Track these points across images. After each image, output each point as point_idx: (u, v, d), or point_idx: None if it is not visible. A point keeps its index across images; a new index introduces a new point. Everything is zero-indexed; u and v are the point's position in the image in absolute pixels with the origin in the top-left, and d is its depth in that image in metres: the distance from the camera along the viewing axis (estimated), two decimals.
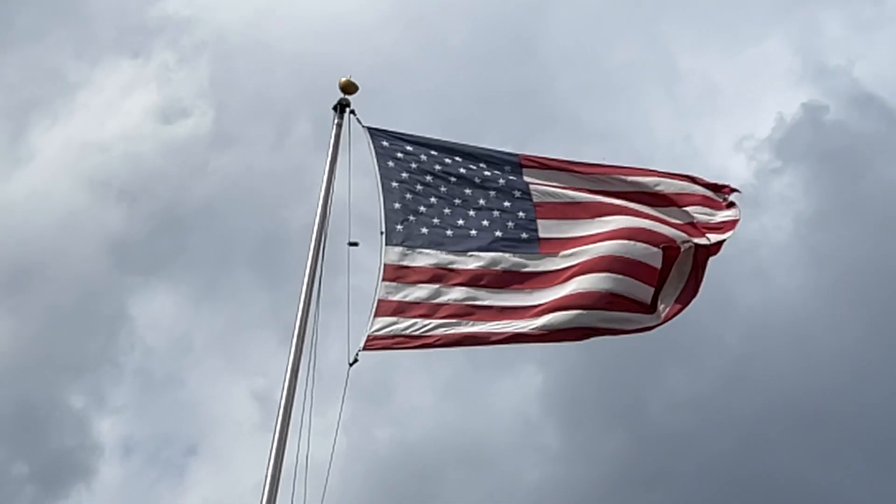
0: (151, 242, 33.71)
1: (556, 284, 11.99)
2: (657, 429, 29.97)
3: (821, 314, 31.96)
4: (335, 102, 13.01)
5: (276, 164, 32.64)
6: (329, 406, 11.27)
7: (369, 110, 13.20)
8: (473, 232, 12.45)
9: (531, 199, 12.75)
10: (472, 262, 12.16)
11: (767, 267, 33.20)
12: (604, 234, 12.27)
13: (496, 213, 12.63)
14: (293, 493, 10.51)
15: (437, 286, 11.89)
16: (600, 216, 12.48)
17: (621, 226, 12.26)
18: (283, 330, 11.58)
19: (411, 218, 12.40)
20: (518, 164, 13.00)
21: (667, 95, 40.41)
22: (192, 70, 37.12)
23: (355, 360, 11.23)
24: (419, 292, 11.84)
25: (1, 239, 32.59)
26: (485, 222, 12.52)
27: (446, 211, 12.57)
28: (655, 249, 12.01)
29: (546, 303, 11.83)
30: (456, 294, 11.87)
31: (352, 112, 12.94)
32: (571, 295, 11.82)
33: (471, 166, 12.93)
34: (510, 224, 12.54)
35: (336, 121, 12.88)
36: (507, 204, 12.72)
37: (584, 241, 12.30)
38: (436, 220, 12.45)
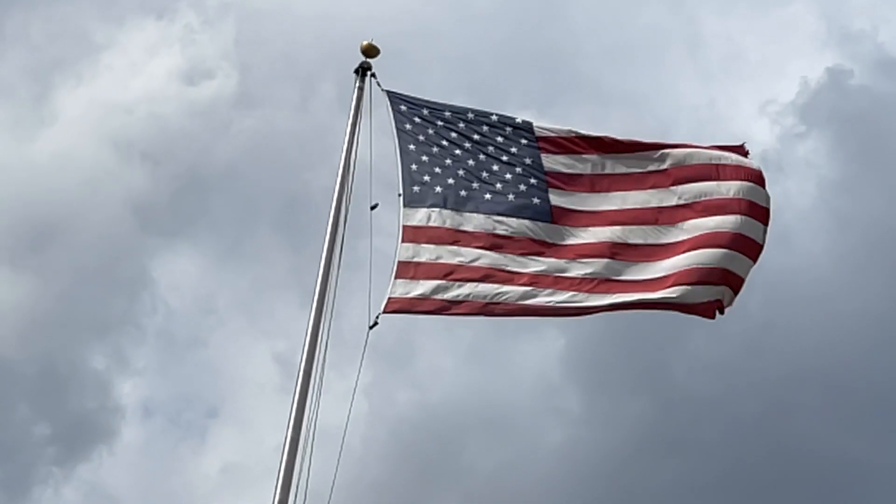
0: (175, 204, 33.77)
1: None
2: (679, 393, 29.96)
3: (845, 279, 31.87)
4: (356, 66, 13.12)
5: (300, 125, 32.67)
6: (352, 369, 11.31)
7: (394, 73, 13.24)
8: (487, 195, 12.51)
9: (543, 170, 12.77)
10: (491, 225, 12.22)
11: (791, 232, 33.04)
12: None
13: (508, 175, 12.67)
14: (311, 456, 10.57)
15: (455, 247, 11.94)
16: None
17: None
18: (306, 292, 11.64)
19: (427, 179, 12.46)
20: (533, 136, 13.03)
21: (691, 59, 40.23)
22: (216, 32, 37.07)
23: (375, 323, 11.27)
24: (438, 254, 11.88)
25: (25, 199, 32.66)
26: (498, 185, 12.57)
27: (461, 173, 12.63)
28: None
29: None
30: (474, 256, 11.94)
31: (373, 75, 13.04)
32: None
33: (485, 133, 12.95)
34: (522, 187, 12.58)
35: (357, 84, 12.99)
36: (518, 170, 12.76)
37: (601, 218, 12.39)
38: (451, 182, 12.52)
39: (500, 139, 12.99)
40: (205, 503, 30.35)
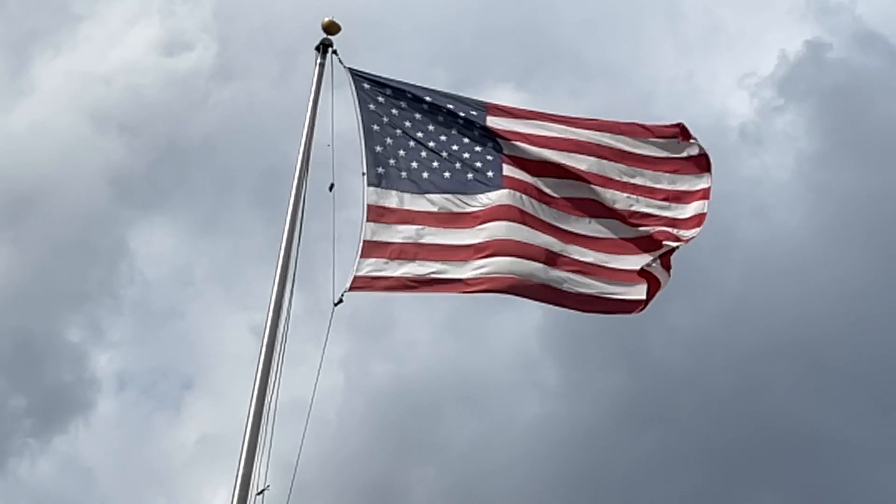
0: (152, 175, 33.76)
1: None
2: (657, 366, 30.10)
3: (822, 252, 32.02)
4: (317, 43, 13.09)
5: (279, 98, 32.58)
6: (329, 342, 11.40)
7: (372, 44, 13.22)
8: (447, 174, 12.60)
9: (500, 150, 12.84)
10: (452, 204, 12.32)
11: (769, 204, 33.26)
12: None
13: (466, 154, 12.76)
14: (271, 426, 10.64)
15: (417, 226, 12.05)
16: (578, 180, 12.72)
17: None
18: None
19: (391, 161, 12.54)
20: (486, 111, 13.09)
21: (670, 32, 40.25)
22: (195, 3, 37.08)
23: (340, 300, 11.39)
24: (401, 233, 11.98)
25: (2, 170, 32.64)
26: (458, 166, 12.66)
27: (423, 154, 12.70)
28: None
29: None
30: (436, 235, 12.03)
31: (334, 52, 13.05)
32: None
33: (439, 116, 13.00)
34: (480, 168, 12.67)
35: (318, 61, 12.99)
36: (475, 151, 12.83)
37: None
38: (413, 163, 12.60)
39: (454, 130, 13.00)
40: (181, 474, 30.45)
